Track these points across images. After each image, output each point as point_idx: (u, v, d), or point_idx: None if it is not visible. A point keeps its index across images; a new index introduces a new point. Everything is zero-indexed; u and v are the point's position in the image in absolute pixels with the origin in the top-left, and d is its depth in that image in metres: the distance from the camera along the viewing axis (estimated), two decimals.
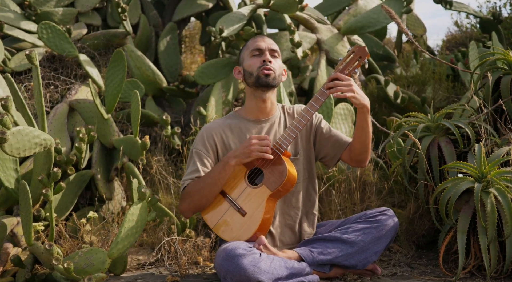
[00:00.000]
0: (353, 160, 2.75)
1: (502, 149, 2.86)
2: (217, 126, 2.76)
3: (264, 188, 2.59)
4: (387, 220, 2.69)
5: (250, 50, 2.73)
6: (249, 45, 2.77)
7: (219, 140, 2.72)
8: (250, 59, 2.72)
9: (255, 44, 2.74)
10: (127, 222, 2.61)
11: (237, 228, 2.60)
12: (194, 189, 2.62)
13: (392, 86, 4.28)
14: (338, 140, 2.78)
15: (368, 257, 2.67)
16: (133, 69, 4.38)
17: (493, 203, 2.64)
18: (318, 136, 2.81)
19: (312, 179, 2.83)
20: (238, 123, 2.76)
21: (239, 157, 2.57)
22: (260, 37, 2.79)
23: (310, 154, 2.82)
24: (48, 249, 2.42)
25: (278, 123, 2.79)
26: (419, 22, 5.34)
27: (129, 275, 2.94)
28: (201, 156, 2.69)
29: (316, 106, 2.61)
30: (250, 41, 2.79)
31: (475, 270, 2.78)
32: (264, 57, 2.69)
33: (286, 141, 2.60)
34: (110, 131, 3.67)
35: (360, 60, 2.60)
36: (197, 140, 2.75)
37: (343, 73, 2.59)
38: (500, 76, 3.21)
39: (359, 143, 2.67)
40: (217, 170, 2.60)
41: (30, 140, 2.53)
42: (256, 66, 2.69)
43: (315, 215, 2.85)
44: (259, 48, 2.72)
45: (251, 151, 2.54)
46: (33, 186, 2.97)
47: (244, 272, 2.36)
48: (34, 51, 2.66)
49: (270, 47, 2.73)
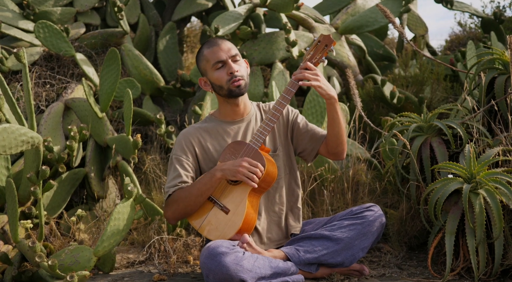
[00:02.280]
0: (330, 153, 2.74)
1: (493, 150, 2.83)
2: (194, 130, 2.75)
3: (244, 184, 2.58)
4: (372, 216, 2.69)
5: (212, 63, 2.63)
6: (207, 57, 2.65)
7: (197, 144, 2.71)
8: (215, 73, 2.64)
9: (215, 56, 2.62)
10: (113, 220, 2.61)
11: (222, 226, 2.59)
12: (179, 198, 2.61)
13: (390, 86, 4.26)
14: (315, 134, 2.77)
15: (355, 254, 2.67)
16: (131, 68, 4.39)
17: (481, 205, 2.61)
18: (295, 131, 2.80)
19: (293, 173, 2.82)
20: (215, 125, 2.75)
21: (225, 172, 2.55)
22: (215, 44, 2.65)
23: (289, 149, 2.81)
24: (31, 246, 2.43)
25: (254, 121, 2.78)
26: (420, 22, 5.30)
27: (118, 273, 2.95)
28: (181, 162, 2.68)
29: (288, 98, 2.61)
30: (206, 51, 2.66)
31: (464, 272, 2.75)
32: (229, 69, 2.61)
33: (262, 135, 2.60)
34: (104, 130, 3.68)
35: (326, 48, 2.61)
36: (175, 146, 2.73)
37: (311, 62, 2.60)
38: (495, 76, 3.18)
39: (332, 135, 2.67)
40: (203, 181, 2.59)
41: (16, 137, 2.54)
42: (224, 80, 2.62)
43: (300, 209, 2.84)
44: (220, 60, 2.62)
45: (237, 172, 2.52)
46: (24, 184, 2.99)
47: (226, 271, 2.35)
48: (23, 49, 2.67)
49: (230, 54, 2.63)
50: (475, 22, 6.07)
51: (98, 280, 2.77)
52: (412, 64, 4.94)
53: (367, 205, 2.73)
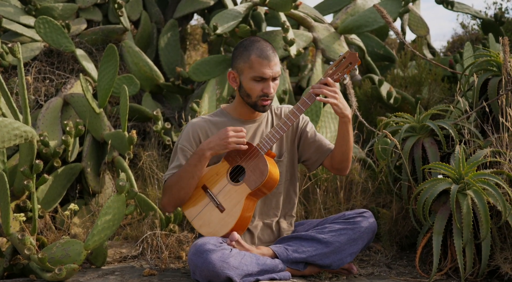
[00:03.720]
0: (334, 167, 2.76)
1: (482, 151, 2.84)
2: (203, 122, 2.74)
3: (244, 186, 2.60)
4: (364, 222, 2.69)
5: (254, 74, 2.58)
6: (253, 63, 2.58)
7: (204, 137, 2.70)
8: (251, 82, 2.60)
9: (261, 70, 2.57)
10: (104, 215, 2.64)
11: (215, 224, 2.62)
12: (172, 182, 2.64)
13: (387, 86, 4.27)
14: (322, 146, 2.78)
15: (343, 258, 2.67)
16: (131, 65, 4.42)
17: (469, 205, 2.62)
18: (302, 139, 2.80)
19: (293, 181, 2.83)
20: (224, 121, 2.74)
21: (214, 149, 2.56)
22: (267, 58, 2.58)
23: (294, 156, 2.81)
24: (21, 239, 2.46)
25: (265, 123, 2.78)
26: (422, 23, 5.29)
27: (109, 267, 2.98)
28: (185, 152, 2.69)
29: (302, 109, 2.61)
30: (255, 57, 2.58)
31: (452, 272, 2.77)
32: (267, 89, 2.59)
33: (270, 141, 2.60)
34: (102, 126, 3.71)
35: (350, 66, 2.59)
36: (182, 135, 2.74)
37: (332, 77, 2.59)
38: (488, 78, 3.18)
39: (339, 153, 2.68)
40: (193, 163, 2.60)
41: (9, 131, 2.57)
42: (256, 94, 2.61)
43: (294, 217, 2.85)
44: (264, 78, 2.59)
45: (228, 143, 2.54)
46: (19, 178, 3.03)
47: (212, 267, 2.37)
48: (18, 44, 2.71)
49: (274, 75, 2.61)
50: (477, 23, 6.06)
51: (89, 273, 2.81)
52: (411, 64, 4.94)
53: (360, 210, 2.74)
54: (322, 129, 3.66)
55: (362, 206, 3.40)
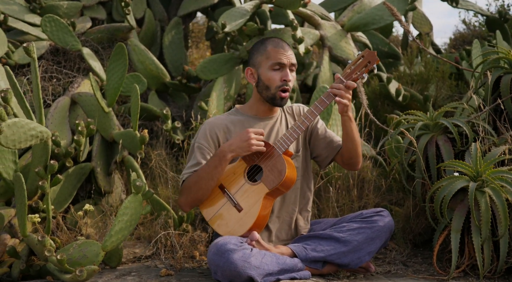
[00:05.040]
0: (345, 163, 2.78)
1: (499, 149, 2.85)
2: (220, 121, 2.76)
3: (262, 186, 2.60)
4: (382, 221, 2.69)
5: (271, 62, 2.65)
6: (270, 53, 2.66)
7: (221, 136, 2.72)
8: (269, 72, 2.65)
9: (277, 56, 2.64)
10: (121, 215, 2.62)
11: (233, 223, 2.61)
12: (191, 183, 2.63)
13: (395, 83, 4.27)
14: (332, 142, 2.79)
15: (361, 257, 2.67)
16: (136, 63, 4.40)
17: (487, 203, 2.63)
18: (313, 135, 2.82)
19: (307, 177, 2.84)
20: (241, 119, 2.76)
21: (236, 151, 2.57)
22: (282, 47, 2.67)
23: (306, 152, 2.83)
24: (41, 241, 2.44)
25: (280, 121, 2.80)
26: (425, 20, 5.30)
27: (124, 267, 2.96)
28: (202, 150, 2.70)
29: (321, 108, 2.60)
30: (271, 48, 2.67)
31: (469, 270, 2.77)
32: (285, 76, 2.64)
33: (288, 141, 2.60)
34: (111, 125, 3.69)
35: (369, 64, 2.57)
36: (199, 134, 2.75)
37: (351, 76, 2.57)
38: (500, 75, 3.19)
39: (347, 149, 2.70)
40: (213, 164, 2.60)
41: (26, 132, 2.56)
42: (275, 84, 2.65)
43: (309, 212, 2.86)
44: (282, 63, 2.65)
45: (250, 145, 2.54)
46: (31, 178, 3.00)
47: (234, 267, 2.37)
48: (32, 44, 2.68)
49: (291, 62, 2.67)
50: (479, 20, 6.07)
51: (106, 274, 2.79)
52: (417, 62, 4.94)
53: (377, 209, 2.74)
54: (333, 128, 3.66)
55: (375, 203, 3.41)
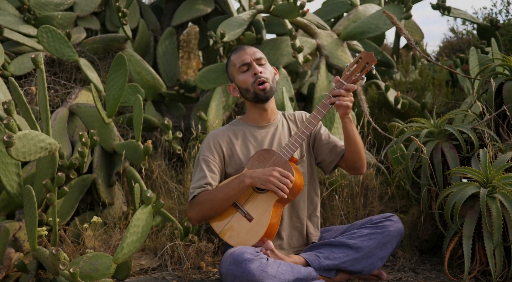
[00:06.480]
0: (349, 168, 2.79)
1: (507, 155, 2.88)
2: (223, 132, 2.79)
3: (270, 194, 2.58)
4: (392, 226, 2.70)
5: (238, 67, 2.73)
6: (234, 62, 2.76)
7: (225, 146, 2.74)
8: (240, 76, 2.73)
9: (240, 59, 2.73)
10: (133, 227, 2.59)
11: (244, 233, 2.59)
12: (205, 200, 2.62)
13: (392, 91, 4.30)
14: (335, 147, 2.80)
15: (374, 263, 2.67)
16: (133, 74, 4.37)
17: (498, 208, 2.65)
18: (316, 141, 2.83)
19: (313, 182, 2.84)
20: (242, 129, 2.79)
21: (254, 180, 2.56)
22: (241, 49, 2.77)
23: (311, 158, 2.84)
24: (55, 254, 2.40)
25: (281, 127, 2.82)
26: (416, 28, 5.36)
27: (132, 280, 2.92)
28: (208, 163, 2.69)
29: (323, 112, 2.61)
30: (233, 56, 2.78)
31: (480, 275, 2.79)
32: (254, 70, 2.71)
33: (293, 147, 2.60)
34: (111, 136, 3.65)
35: (367, 66, 2.59)
36: (203, 146, 2.76)
37: (350, 78, 2.59)
38: (502, 82, 3.23)
39: (350, 153, 2.71)
40: (231, 186, 2.60)
41: (35, 144, 2.52)
42: (249, 82, 2.70)
43: (318, 217, 2.87)
44: (245, 63, 2.72)
45: (268, 181, 2.52)
46: (36, 191, 2.94)
47: (251, 277, 2.35)
48: (40, 55, 2.64)
49: (255, 57, 2.74)
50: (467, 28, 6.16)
51: None
52: (411, 69, 4.99)
53: (387, 214, 2.74)
54: (336, 136, 3.66)
55: (379, 211, 3.41)
